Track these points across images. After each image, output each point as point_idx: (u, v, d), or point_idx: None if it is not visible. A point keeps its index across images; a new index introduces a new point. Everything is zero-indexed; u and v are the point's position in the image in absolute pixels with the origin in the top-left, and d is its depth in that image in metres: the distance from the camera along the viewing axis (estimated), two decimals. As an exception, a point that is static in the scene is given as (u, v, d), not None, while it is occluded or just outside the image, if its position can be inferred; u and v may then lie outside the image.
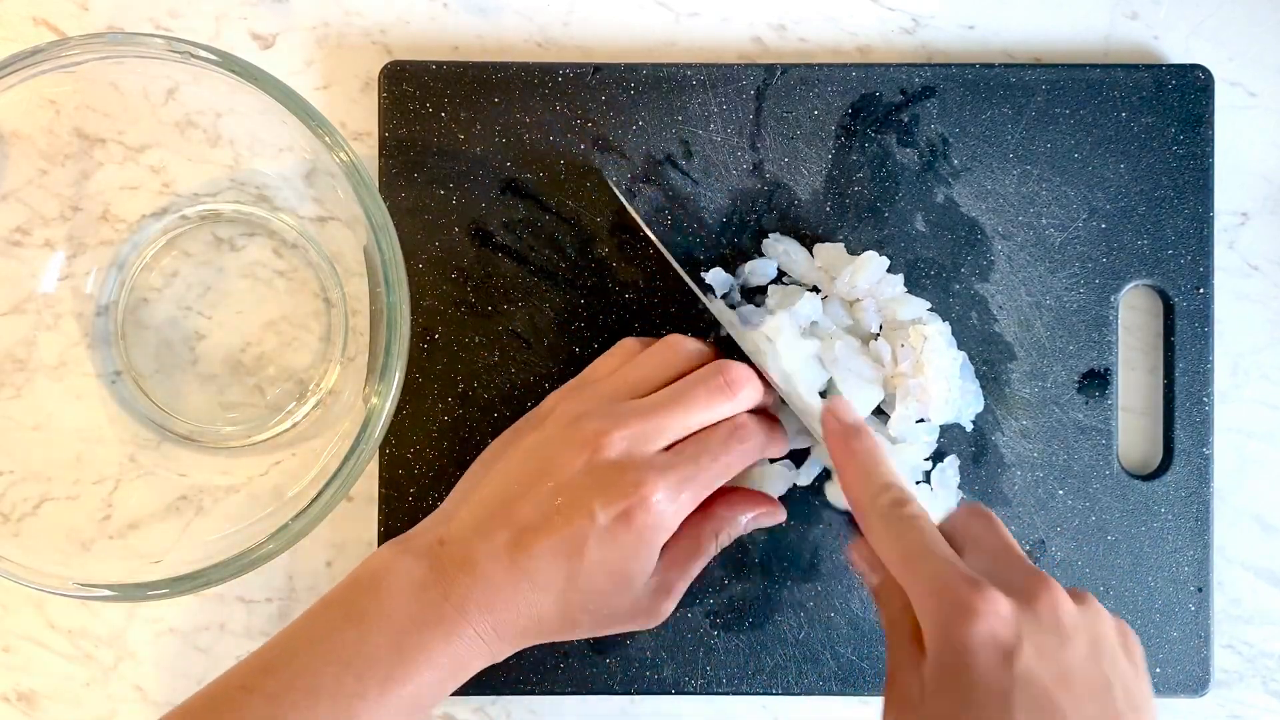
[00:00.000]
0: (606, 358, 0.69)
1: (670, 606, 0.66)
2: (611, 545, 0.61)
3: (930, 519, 0.59)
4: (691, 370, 0.66)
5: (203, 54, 0.62)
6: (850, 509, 0.62)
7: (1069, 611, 0.55)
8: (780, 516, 0.70)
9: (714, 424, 0.65)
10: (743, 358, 0.67)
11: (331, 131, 0.63)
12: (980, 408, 0.72)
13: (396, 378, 0.64)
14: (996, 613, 0.53)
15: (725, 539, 0.68)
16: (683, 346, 0.67)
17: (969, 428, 0.72)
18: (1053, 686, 0.52)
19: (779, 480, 0.71)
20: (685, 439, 0.64)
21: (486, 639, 0.61)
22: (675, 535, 0.64)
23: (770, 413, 0.69)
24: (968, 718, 0.52)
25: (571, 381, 0.69)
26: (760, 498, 0.69)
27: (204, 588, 0.64)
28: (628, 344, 0.69)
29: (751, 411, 0.67)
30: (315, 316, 0.75)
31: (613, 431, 0.62)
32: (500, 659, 0.63)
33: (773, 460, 0.70)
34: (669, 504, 0.62)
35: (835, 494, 0.72)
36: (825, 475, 0.72)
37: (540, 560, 0.61)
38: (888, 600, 0.60)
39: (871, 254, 0.69)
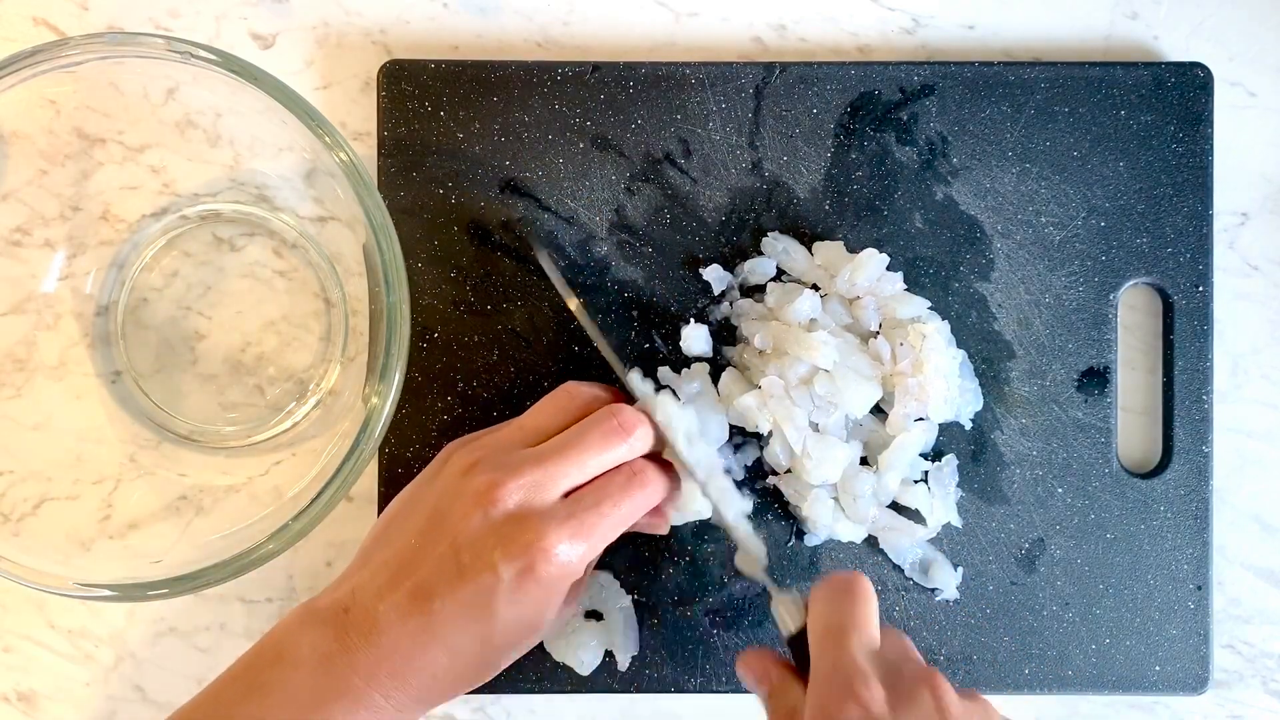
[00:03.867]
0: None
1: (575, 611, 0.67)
2: (519, 600, 0.60)
3: (874, 603, 0.60)
4: (587, 415, 0.65)
5: (203, 54, 0.62)
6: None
7: (953, 705, 0.55)
8: (663, 529, 0.69)
9: (613, 469, 0.64)
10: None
11: (331, 131, 0.63)
12: (979, 406, 0.72)
13: (397, 378, 0.64)
14: (872, 699, 0.54)
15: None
16: (578, 392, 0.66)
17: (968, 426, 0.72)
18: None
19: (593, 648, 0.71)
20: (585, 485, 0.63)
21: (399, 706, 0.60)
22: None
23: (666, 458, 0.67)
24: None
25: (477, 431, 0.68)
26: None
27: (204, 587, 0.64)
28: (565, 388, 0.67)
29: (650, 456, 0.66)
30: (315, 316, 0.75)
31: (507, 482, 0.61)
32: None
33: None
34: (572, 553, 0.60)
35: (743, 562, 0.71)
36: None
37: (449, 624, 0.60)
38: (780, 699, 0.60)
39: (871, 251, 0.69)
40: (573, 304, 0.71)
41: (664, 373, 0.71)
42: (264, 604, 0.75)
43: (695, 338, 0.71)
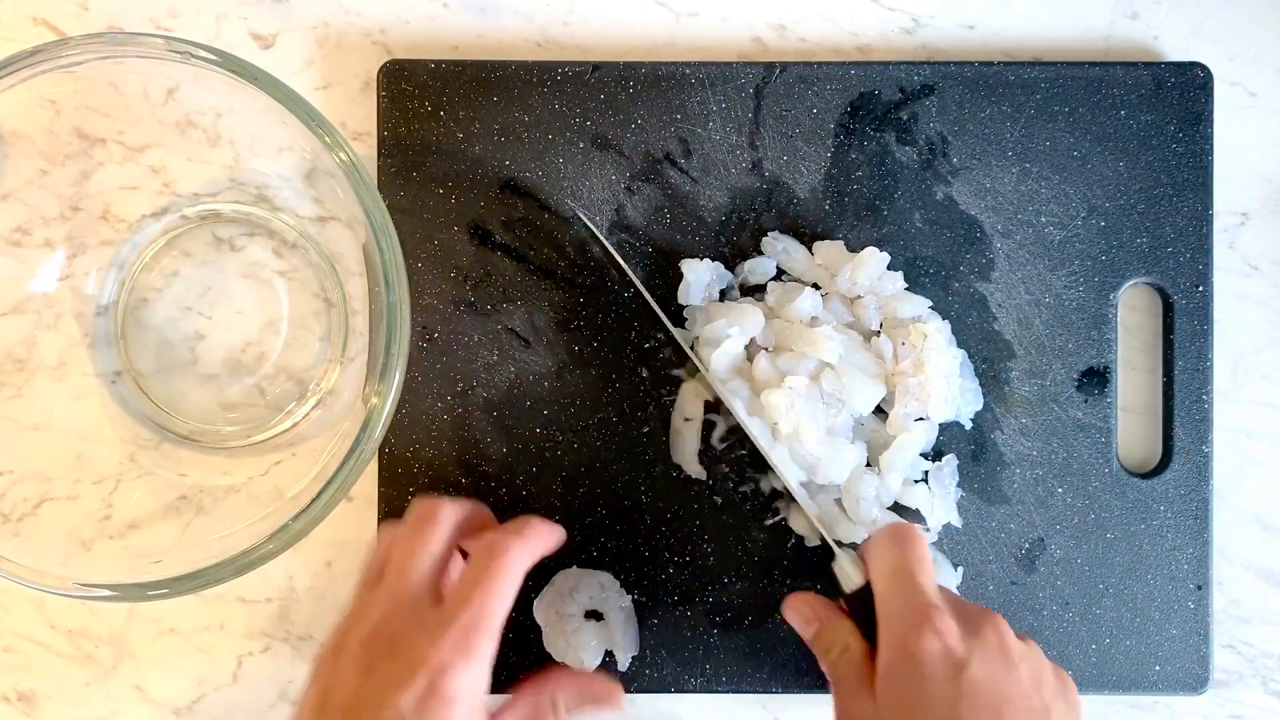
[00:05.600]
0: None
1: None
2: None
3: (928, 544, 0.64)
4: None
5: (203, 54, 0.62)
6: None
7: (1014, 643, 0.61)
8: (618, 701, 0.68)
9: (471, 561, 0.61)
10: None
11: (331, 131, 0.63)
12: (979, 406, 0.72)
13: (397, 378, 0.64)
14: (949, 630, 0.60)
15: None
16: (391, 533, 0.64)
17: (968, 425, 0.72)
18: (997, 701, 0.58)
19: (594, 648, 0.71)
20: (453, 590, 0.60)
21: None
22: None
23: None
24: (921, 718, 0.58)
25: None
26: (592, 681, 0.69)
27: (204, 587, 0.63)
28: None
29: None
30: (315, 316, 0.75)
31: (364, 631, 0.59)
32: None
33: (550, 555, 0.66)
34: (463, 656, 0.57)
35: (797, 521, 0.72)
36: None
37: None
38: (830, 640, 0.65)
39: (872, 250, 0.70)
40: (631, 276, 0.72)
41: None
42: (264, 604, 0.75)
43: (699, 271, 0.72)
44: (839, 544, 0.66)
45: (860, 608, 0.64)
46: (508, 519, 0.66)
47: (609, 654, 0.72)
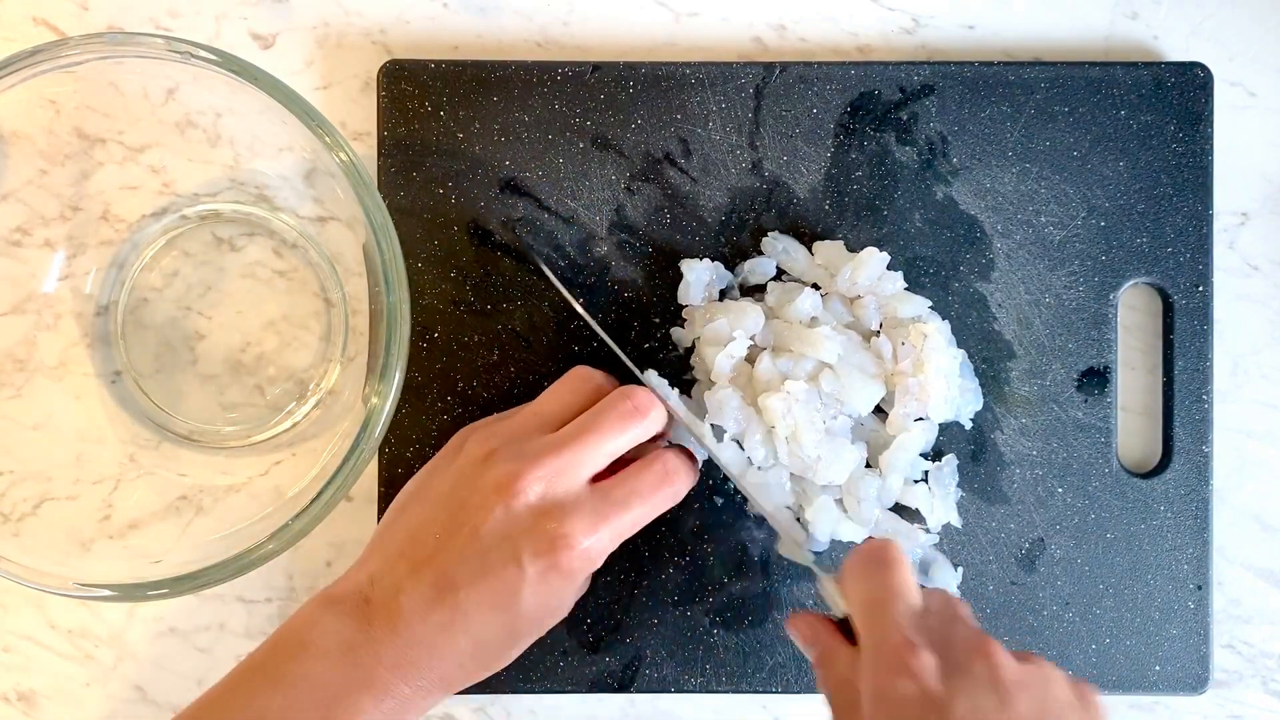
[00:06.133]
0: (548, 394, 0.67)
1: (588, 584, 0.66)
2: (543, 591, 0.60)
3: (909, 567, 0.60)
4: (600, 399, 0.65)
5: (203, 54, 0.62)
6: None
7: (1009, 670, 0.55)
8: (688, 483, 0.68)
9: (645, 465, 0.64)
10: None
11: (331, 131, 0.63)
12: (979, 406, 0.72)
13: (397, 377, 0.64)
14: (925, 670, 0.54)
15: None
16: (590, 375, 0.67)
17: (968, 426, 0.72)
18: None
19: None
20: (613, 476, 0.63)
21: (424, 693, 0.60)
22: None
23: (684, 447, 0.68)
24: None
25: (490, 416, 0.68)
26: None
27: (204, 587, 0.63)
28: (578, 372, 0.67)
29: (675, 445, 0.67)
30: (315, 316, 0.75)
31: (527, 473, 0.61)
32: (434, 706, 0.62)
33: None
34: (596, 547, 0.61)
35: (785, 548, 0.72)
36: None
37: (474, 616, 0.60)
38: (830, 667, 0.60)
39: (872, 250, 0.69)
40: (577, 307, 0.71)
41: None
42: (264, 604, 0.75)
43: (699, 271, 0.72)
44: (823, 569, 0.65)
45: (852, 632, 0.60)
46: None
47: (611, 655, 0.72)
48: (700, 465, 0.69)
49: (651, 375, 0.67)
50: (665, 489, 0.64)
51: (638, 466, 0.64)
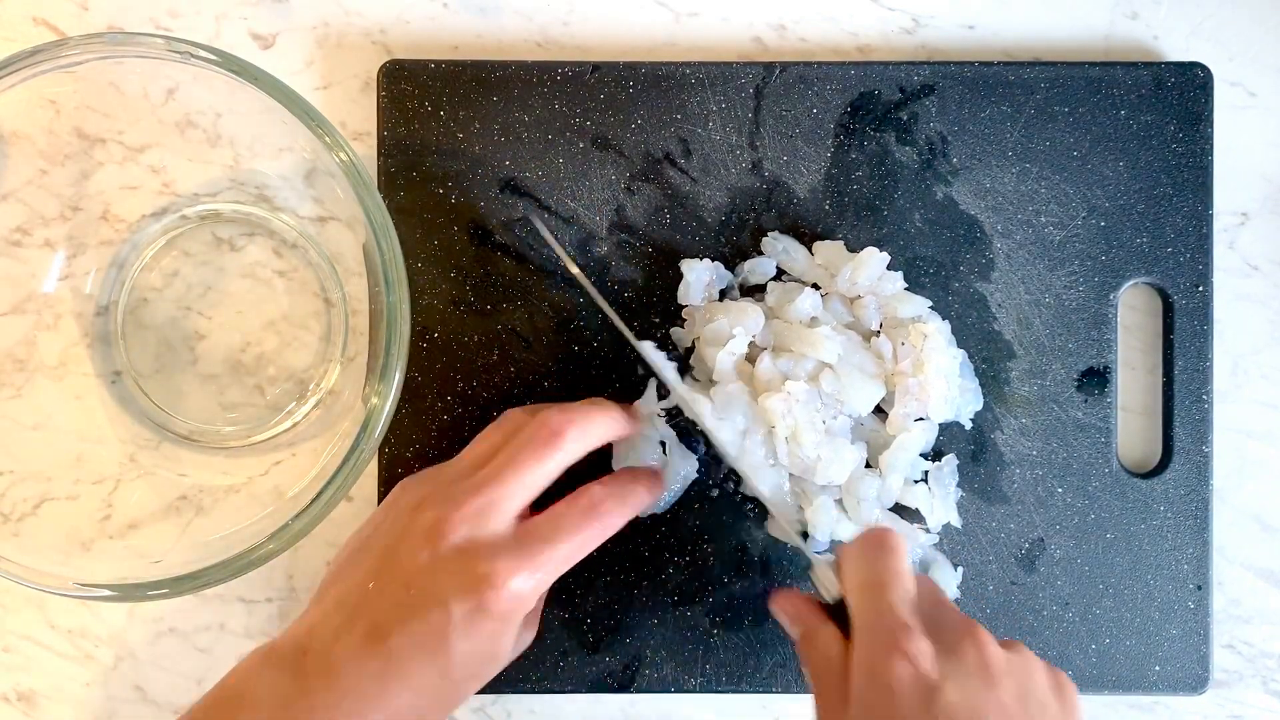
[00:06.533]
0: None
1: (533, 633, 0.67)
2: (474, 635, 0.59)
3: (906, 553, 0.60)
4: None
5: (203, 54, 0.62)
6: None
7: (996, 656, 0.57)
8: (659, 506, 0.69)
9: (571, 500, 0.64)
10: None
11: (331, 131, 0.63)
12: (979, 406, 0.72)
13: (396, 378, 0.64)
14: (920, 653, 0.56)
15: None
16: (514, 415, 0.66)
17: (968, 426, 0.72)
18: None
19: (651, 451, 0.71)
20: (538, 514, 0.63)
21: None
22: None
23: (638, 465, 0.68)
24: None
25: (428, 468, 0.67)
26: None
27: (204, 587, 0.63)
28: (509, 415, 0.67)
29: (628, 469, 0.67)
30: (315, 316, 0.75)
31: (451, 516, 0.61)
32: None
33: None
34: (524, 586, 0.60)
35: (776, 529, 0.72)
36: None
37: (406, 662, 0.59)
38: (812, 648, 0.61)
39: (872, 250, 0.69)
40: (574, 270, 0.71)
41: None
42: (264, 604, 0.75)
43: (699, 271, 0.72)
44: (818, 552, 0.65)
45: (844, 614, 0.61)
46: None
47: (616, 657, 0.72)
48: (690, 469, 0.69)
49: (648, 347, 0.68)
50: (593, 524, 0.63)
51: (564, 502, 0.64)
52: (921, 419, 0.70)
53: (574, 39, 0.76)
